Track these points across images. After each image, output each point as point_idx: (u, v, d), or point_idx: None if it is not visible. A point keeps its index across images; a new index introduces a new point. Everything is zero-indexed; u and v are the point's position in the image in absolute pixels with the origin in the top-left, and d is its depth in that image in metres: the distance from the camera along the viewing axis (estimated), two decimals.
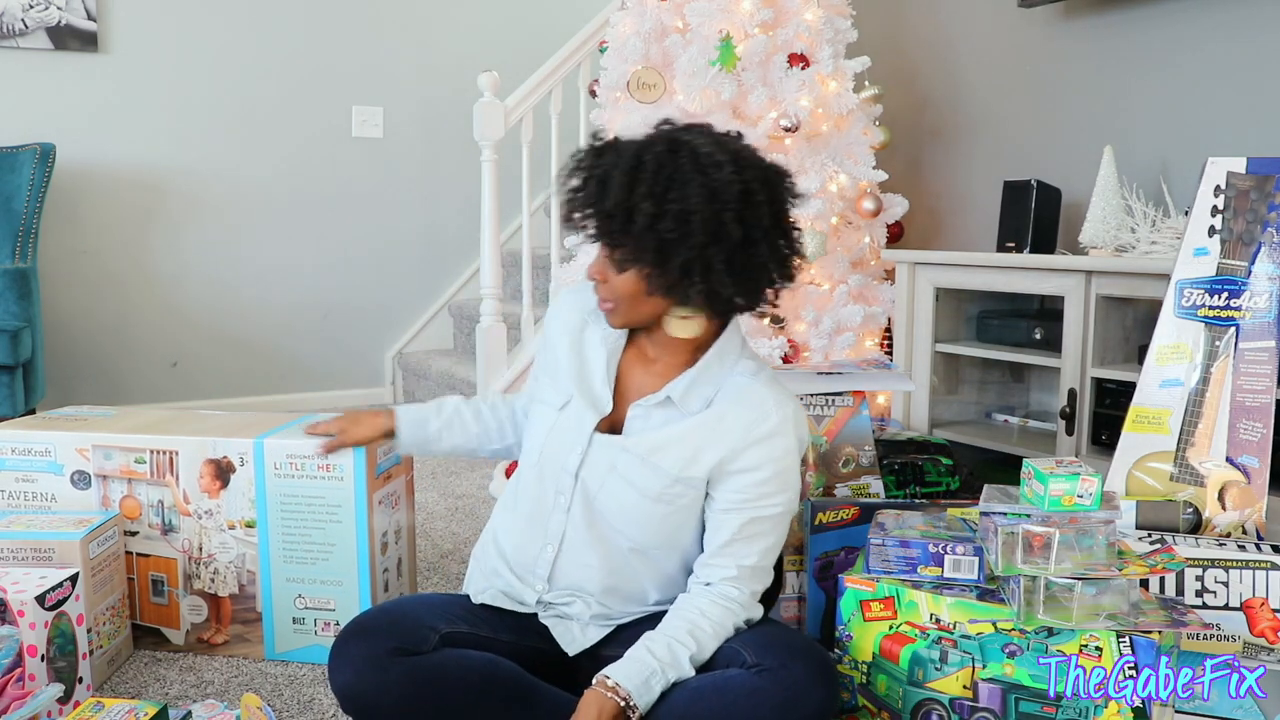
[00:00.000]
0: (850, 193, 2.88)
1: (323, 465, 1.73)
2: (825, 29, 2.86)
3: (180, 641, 1.84)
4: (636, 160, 1.24)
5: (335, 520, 1.75)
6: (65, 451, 1.80)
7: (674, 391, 1.36)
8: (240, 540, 1.78)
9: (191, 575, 1.81)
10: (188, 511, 1.79)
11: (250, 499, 1.77)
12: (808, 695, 1.25)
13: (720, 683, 1.27)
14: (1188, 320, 1.65)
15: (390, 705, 1.28)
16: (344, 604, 1.76)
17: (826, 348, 2.76)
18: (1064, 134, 2.91)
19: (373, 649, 1.30)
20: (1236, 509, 1.60)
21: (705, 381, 1.37)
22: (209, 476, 1.78)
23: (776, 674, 1.26)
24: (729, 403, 1.36)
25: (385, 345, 4.21)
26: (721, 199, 1.22)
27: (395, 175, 4.03)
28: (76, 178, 3.56)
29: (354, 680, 1.29)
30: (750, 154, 1.29)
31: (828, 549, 1.72)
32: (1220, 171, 1.64)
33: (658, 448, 1.36)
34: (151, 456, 1.79)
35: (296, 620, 1.79)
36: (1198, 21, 2.57)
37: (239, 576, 1.80)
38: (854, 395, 1.88)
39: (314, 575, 1.77)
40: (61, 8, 3.49)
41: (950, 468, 2.14)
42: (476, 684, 1.32)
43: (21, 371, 2.97)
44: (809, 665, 1.28)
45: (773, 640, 1.32)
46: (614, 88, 2.94)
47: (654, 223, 1.22)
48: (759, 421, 1.34)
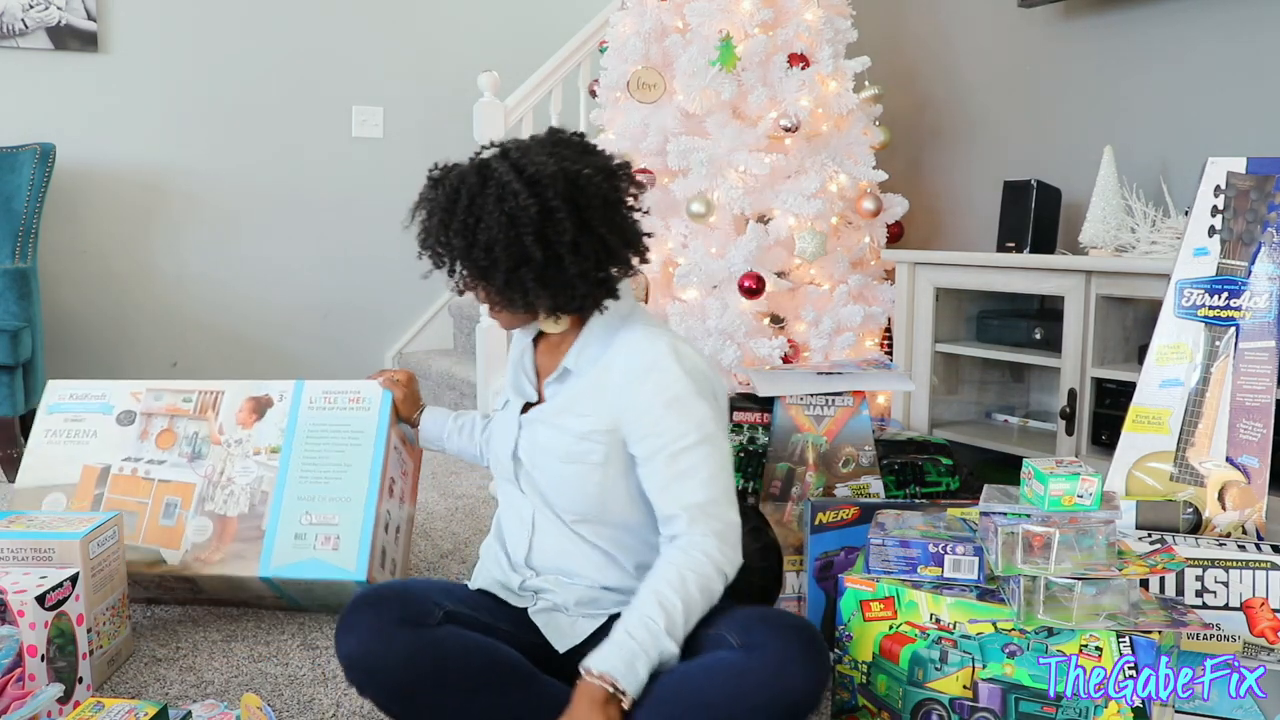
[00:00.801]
0: (850, 193, 2.88)
1: (353, 398, 1.96)
2: (825, 29, 2.85)
3: (176, 562, 1.89)
4: (454, 195, 1.36)
5: (355, 444, 1.92)
6: (120, 395, 2.05)
7: (569, 361, 1.47)
8: (262, 464, 1.95)
9: (206, 498, 1.93)
10: (219, 441, 1.98)
11: (281, 428, 1.97)
12: (795, 670, 1.25)
13: (709, 664, 1.28)
14: (1188, 320, 1.65)
15: (394, 671, 1.30)
16: (348, 520, 1.87)
17: (826, 348, 2.76)
18: (1064, 134, 2.91)
19: (380, 617, 1.33)
20: (1236, 509, 1.60)
21: (592, 343, 1.46)
22: (247, 410, 2.00)
23: (763, 652, 1.26)
24: (612, 355, 1.45)
25: (385, 345, 4.21)
26: (519, 224, 1.33)
27: (395, 175, 4.03)
28: (76, 178, 3.56)
29: (359, 647, 1.31)
30: (555, 170, 1.35)
31: (828, 549, 1.72)
32: (1220, 171, 1.64)
33: (562, 409, 1.47)
34: (198, 396, 2.03)
35: (298, 536, 1.89)
36: (1198, 21, 2.57)
37: (251, 497, 1.93)
38: (854, 395, 1.88)
39: (325, 494, 1.91)
40: (61, 8, 3.49)
41: (950, 468, 2.14)
42: (478, 663, 1.34)
43: (21, 371, 2.97)
44: (795, 641, 1.28)
45: (759, 620, 1.33)
46: (614, 88, 2.94)
47: (468, 254, 1.36)
48: (634, 359, 1.42)
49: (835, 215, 2.85)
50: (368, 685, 1.33)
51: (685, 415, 1.38)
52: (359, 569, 1.82)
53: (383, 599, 1.36)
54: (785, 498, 1.87)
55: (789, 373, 2.05)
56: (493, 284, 1.39)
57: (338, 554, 1.84)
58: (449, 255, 1.39)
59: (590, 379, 1.45)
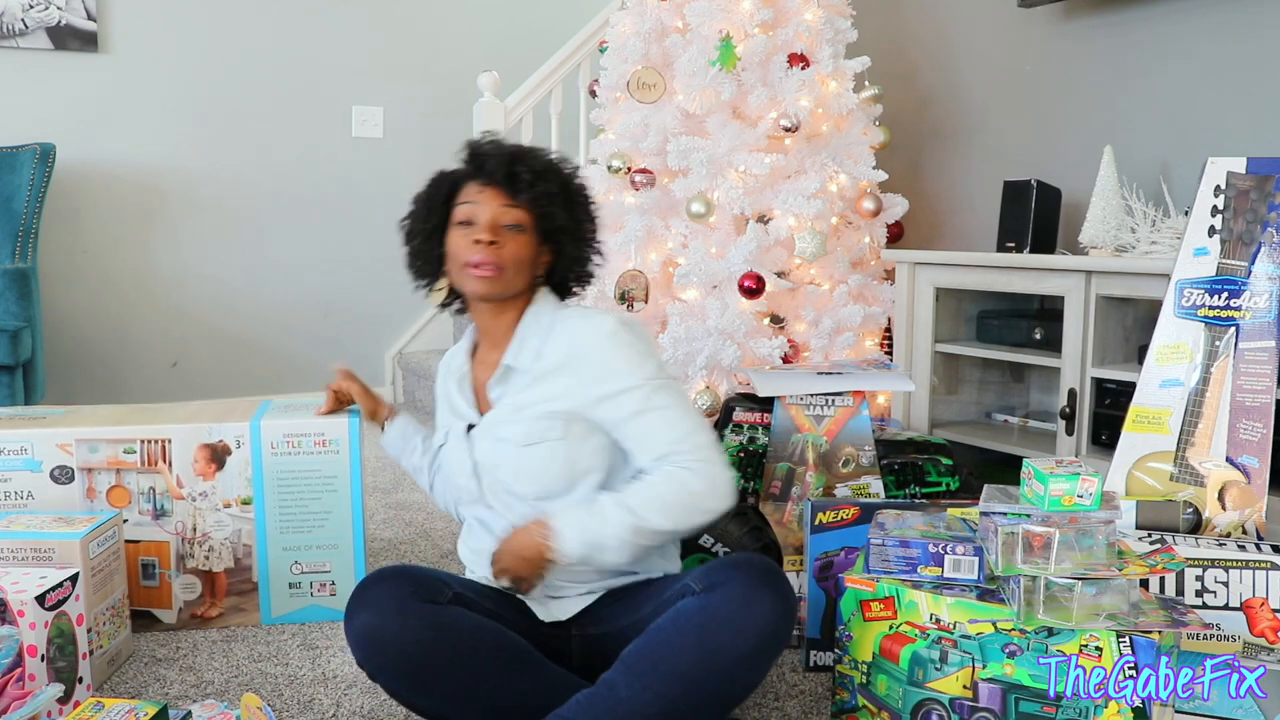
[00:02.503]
0: (850, 193, 2.88)
1: (319, 440, 1.85)
2: (825, 29, 2.86)
3: (173, 620, 1.89)
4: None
5: (331, 490, 1.87)
6: (44, 447, 1.81)
7: (509, 358, 1.49)
8: (236, 517, 1.87)
9: (185, 555, 1.88)
10: (180, 495, 1.86)
11: (247, 478, 1.86)
12: (757, 601, 1.26)
13: (673, 614, 1.30)
14: (1188, 320, 1.65)
15: (408, 645, 1.30)
16: (340, 565, 1.89)
17: (826, 348, 2.76)
18: (1064, 134, 2.91)
19: (395, 590, 1.34)
20: (1236, 509, 1.60)
21: (530, 337, 1.50)
22: (204, 460, 1.86)
23: (722, 589, 1.28)
24: (555, 340, 1.48)
25: (385, 345, 4.21)
26: (577, 190, 1.55)
27: (395, 175, 4.02)
28: (76, 178, 3.56)
29: (375, 619, 1.31)
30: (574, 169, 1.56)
31: (828, 549, 1.72)
32: (1220, 171, 1.64)
33: (519, 406, 1.48)
34: (141, 446, 1.84)
35: (293, 585, 1.90)
36: (1198, 21, 2.57)
37: (234, 551, 1.88)
38: (854, 395, 1.88)
39: (310, 542, 1.89)
40: (61, 8, 3.49)
41: (950, 468, 2.14)
42: (488, 641, 1.35)
43: (21, 371, 2.97)
44: (751, 573, 1.30)
45: (718, 565, 1.35)
46: (614, 88, 2.94)
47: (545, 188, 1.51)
48: (583, 330, 1.46)
49: (835, 215, 2.86)
50: (380, 662, 1.32)
51: (642, 364, 1.44)
52: None
53: (395, 576, 1.38)
54: (785, 498, 1.87)
55: (789, 373, 2.05)
56: (554, 222, 1.49)
57: (336, 599, 1.91)
58: (534, 180, 1.46)
59: (535, 371, 1.48)
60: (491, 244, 1.45)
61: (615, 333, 1.44)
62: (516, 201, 1.47)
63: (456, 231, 1.49)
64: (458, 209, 1.49)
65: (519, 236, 1.47)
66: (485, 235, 1.45)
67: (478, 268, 1.45)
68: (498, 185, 1.47)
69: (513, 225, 1.47)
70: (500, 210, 1.46)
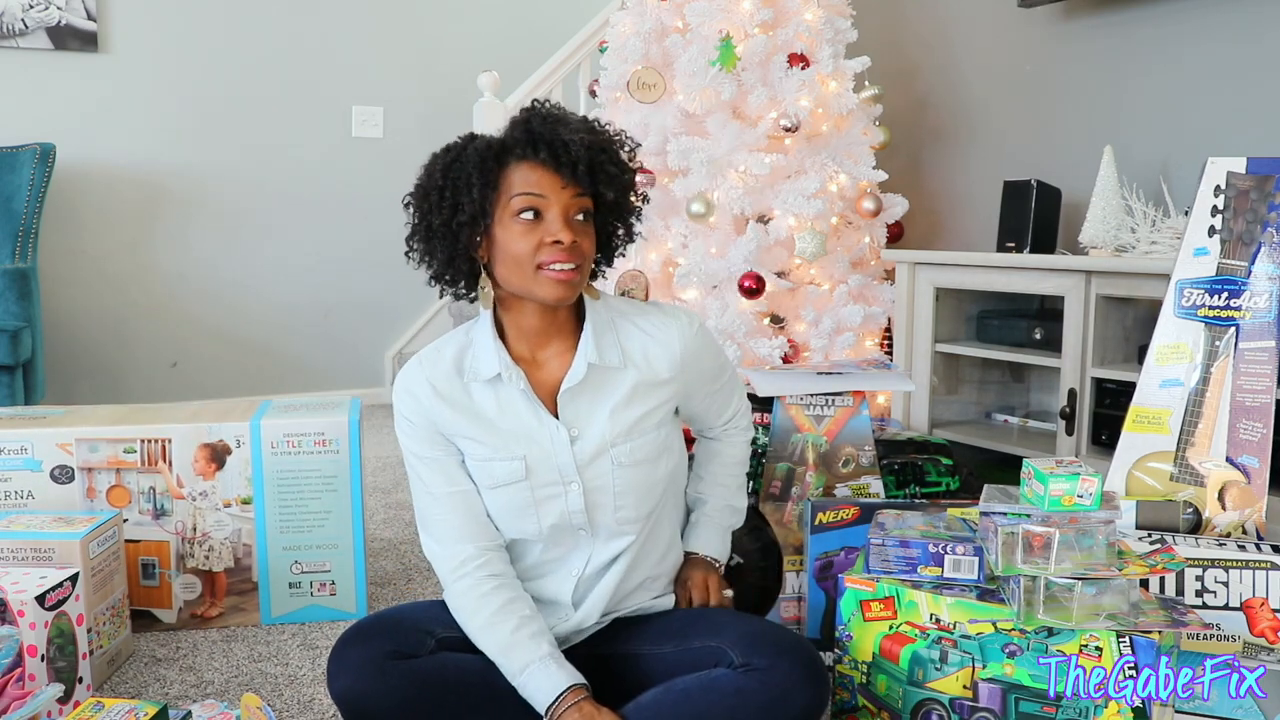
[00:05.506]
0: (850, 193, 2.88)
1: (319, 440, 1.87)
2: (825, 29, 2.86)
3: (173, 620, 1.89)
4: None
5: (331, 490, 1.88)
6: (44, 447, 1.82)
7: (590, 357, 1.35)
8: (236, 517, 1.88)
9: (185, 555, 1.89)
10: (181, 495, 1.86)
11: (247, 478, 1.87)
12: (794, 695, 1.24)
13: (706, 683, 1.27)
14: (1188, 320, 1.64)
15: (390, 708, 1.27)
16: (340, 565, 1.90)
17: (826, 348, 2.76)
18: (1064, 134, 2.91)
19: (370, 653, 1.30)
20: (1236, 509, 1.60)
21: (603, 330, 1.38)
22: (204, 460, 1.87)
23: (763, 674, 1.25)
24: (642, 342, 1.39)
25: (385, 345, 4.21)
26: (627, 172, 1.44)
27: (395, 175, 4.00)
28: (76, 178, 3.56)
29: (353, 684, 1.28)
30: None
31: (828, 549, 1.72)
32: (1220, 171, 1.64)
33: (631, 420, 1.37)
34: (142, 446, 1.84)
35: (293, 585, 1.92)
36: (1198, 21, 2.57)
37: (234, 551, 1.89)
38: (854, 395, 1.88)
39: (310, 542, 1.89)
40: (61, 8, 3.49)
41: (950, 468, 2.14)
42: (475, 685, 1.32)
43: (21, 371, 2.97)
44: (796, 664, 1.27)
45: (760, 638, 1.31)
46: (614, 88, 2.94)
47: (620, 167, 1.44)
48: (676, 334, 1.40)
49: (835, 215, 2.86)
50: None
51: (719, 351, 1.52)
52: (360, 609, 1.93)
53: (373, 633, 1.33)
54: (785, 498, 1.87)
55: (789, 373, 2.05)
56: (620, 212, 1.41)
57: (336, 598, 1.93)
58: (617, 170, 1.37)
59: (628, 372, 1.37)
60: (573, 244, 1.29)
61: (703, 327, 1.45)
62: (585, 189, 1.31)
63: (515, 224, 1.29)
64: (515, 199, 1.29)
65: (588, 227, 1.33)
66: (566, 235, 1.27)
67: (558, 271, 1.28)
68: (568, 173, 1.28)
69: (583, 215, 1.32)
70: (572, 201, 1.30)
